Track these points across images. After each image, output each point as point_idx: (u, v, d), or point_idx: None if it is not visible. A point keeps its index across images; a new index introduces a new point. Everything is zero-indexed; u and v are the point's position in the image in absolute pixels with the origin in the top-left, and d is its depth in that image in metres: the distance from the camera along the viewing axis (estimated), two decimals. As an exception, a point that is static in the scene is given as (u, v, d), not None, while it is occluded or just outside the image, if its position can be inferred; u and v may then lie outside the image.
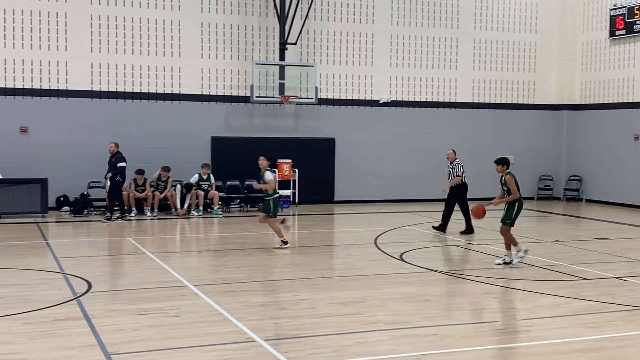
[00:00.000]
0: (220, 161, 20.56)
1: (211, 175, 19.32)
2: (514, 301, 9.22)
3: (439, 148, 23.02)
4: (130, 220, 17.52)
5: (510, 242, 11.63)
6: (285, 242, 13.24)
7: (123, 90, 19.82)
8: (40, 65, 19.04)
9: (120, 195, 17.56)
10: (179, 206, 18.71)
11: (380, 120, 22.44)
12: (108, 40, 19.61)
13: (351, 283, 10.20)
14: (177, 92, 20.38)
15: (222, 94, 20.88)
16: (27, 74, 18.95)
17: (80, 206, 18.41)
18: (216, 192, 19.14)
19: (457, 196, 15.52)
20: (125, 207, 17.86)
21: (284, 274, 11.00)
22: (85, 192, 18.78)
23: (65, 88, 19.31)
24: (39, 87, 19.06)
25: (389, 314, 8.41)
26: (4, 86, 18.72)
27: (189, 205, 18.84)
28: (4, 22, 18.66)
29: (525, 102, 24.19)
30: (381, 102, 22.45)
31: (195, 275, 10.67)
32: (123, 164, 17.48)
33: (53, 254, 12.28)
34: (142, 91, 20.02)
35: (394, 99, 22.67)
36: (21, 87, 18.89)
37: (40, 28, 19.00)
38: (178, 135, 20.20)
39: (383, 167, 22.42)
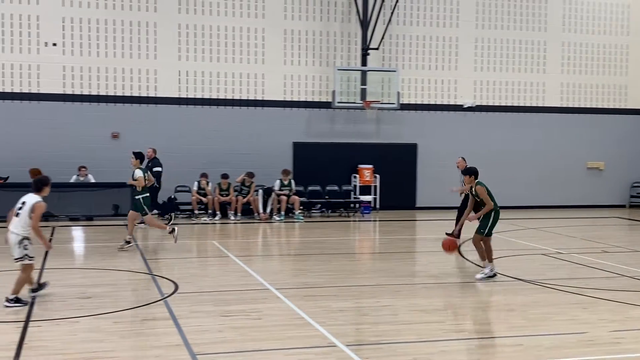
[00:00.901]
0: (302, 166, 20.75)
1: (292, 180, 19.48)
2: (603, 312, 8.88)
3: (526, 154, 22.51)
4: (207, 223, 17.86)
5: (482, 255, 10.88)
6: (172, 231, 13.51)
7: (209, 96, 20.30)
8: (131, 74, 19.74)
9: (156, 201, 17.75)
10: (261, 211, 18.98)
11: (464, 125, 22.11)
12: (195, 49, 20.13)
13: (433, 290, 10.08)
14: (261, 99, 20.70)
15: (304, 99, 21.08)
16: (119, 82, 19.67)
17: (167, 209, 18.93)
18: (297, 197, 19.31)
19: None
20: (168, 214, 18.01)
21: (365, 280, 10.98)
22: (172, 196, 19.30)
23: (154, 95, 19.94)
24: (130, 95, 19.75)
25: (472, 323, 8.26)
26: (97, 93, 19.50)
27: (271, 209, 19.09)
28: (97, 32, 19.44)
29: (617, 106, 23.33)
30: (465, 107, 22.12)
31: (277, 278, 10.78)
32: (159, 169, 17.76)
33: (142, 256, 12.68)
34: (227, 97, 20.44)
35: (479, 104, 22.29)
36: (113, 94, 19.63)
37: (131, 37, 19.69)
38: (261, 141, 20.51)
39: (466, 173, 22.06)
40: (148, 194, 13.80)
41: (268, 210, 19.08)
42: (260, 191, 19.25)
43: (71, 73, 19.36)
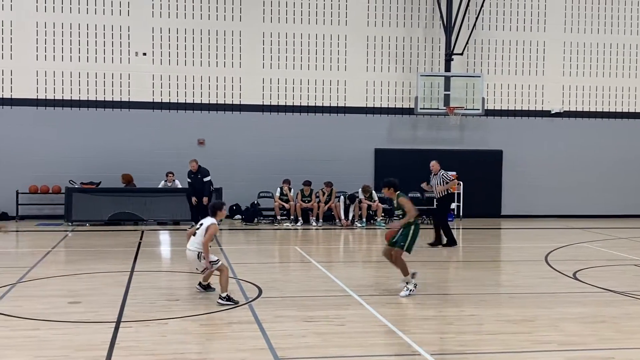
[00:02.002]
0: (383, 173, 20.56)
1: (373, 192, 19.39)
2: None
3: (617, 161, 21.72)
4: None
5: (404, 270, 9.98)
6: None
7: (292, 103, 20.53)
8: (217, 82, 20.20)
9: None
10: (342, 217, 19.01)
11: (552, 131, 21.53)
12: (279, 57, 20.42)
13: (520, 300, 9.81)
14: (342, 105, 20.78)
15: (386, 106, 21.02)
16: (205, 90, 20.16)
17: (250, 215, 19.24)
18: (379, 204, 19.24)
19: (443, 207, 15.35)
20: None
21: (449, 288, 10.81)
22: (256, 202, 19.60)
23: (239, 103, 20.33)
24: (215, 102, 20.21)
25: (561, 335, 7.99)
26: (184, 101, 20.04)
27: (353, 216, 19.10)
28: (185, 41, 19.99)
29: None
30: (553, 112, 21.54)
31: (359, 285, 10.75)
32: (209, 178, 17.84)
33: (227, 260, 12.91)
34: (309, 104, 20.62)
35: (567, 109, 21.65)
36: (199, 102, 20.13)
37: (217, 46, 20.16)
38: (342, 148, 20.58)
39: (555, 180, 21.47)
40: None
41: (350, 216, 19.10)
42: (342, 197, 19.29)
43: (160, 82, 19.98)
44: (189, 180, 17.73)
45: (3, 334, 7.67)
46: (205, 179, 17.61)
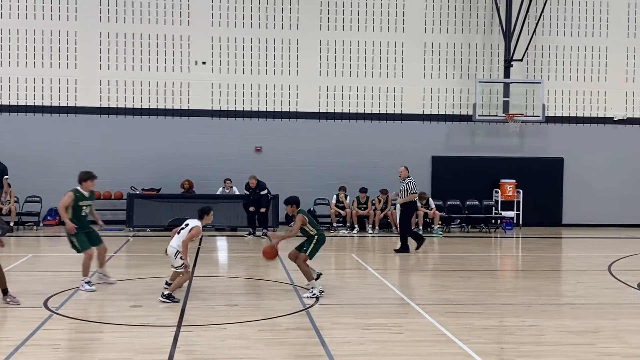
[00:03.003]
0: (441, 180, 20.50)
1: (430, 199, 19.22)
2: None
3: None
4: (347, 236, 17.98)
5: (307, 275, 10.36)
6: None
7: (348, 111, 20.57)
8: (274, 89, 20.38)
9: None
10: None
11: (615, 138, 21.01)
12: (335, 64, 20.49)
13: (582, 311, 9.58)
14: (399, 112, 20.70)
15: (444, 113, 20.85)
16: (262, 97, 20.37)
17: (306, 222, 19.27)
18: (437, 212, 19.06)
19: (406, 214, 15.36)
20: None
21: (508, 298, 10.63)
22: (312, 209, 19.66)
23: (295, 110, 20.46)
24: (272, 110, 20.40)
25: (626, 347, 7.77)
26: (242, 109, 20.29)
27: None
28: (243, 50, 20.24)
29: None
30: (616, 119, 21.01)
31: (416, 293, 10.69)
32: (266, 191, 17.92)
33: (284, 266, 12.99)
34: (366, 112, 20.61)
35: (630, 116, 21.09)
36: (257, 109, 20.35)
37: (274, 55, 20.35)
38: (399, 155, 20.45)
39: (618, 188, 20.93)
40: None
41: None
42: (398, 205, 19.16)
43: (218, 90, 20.27)
44: (247, 193, 17.92)
45: (68, 336, 7.89)
46: (263, 193, 17.78)
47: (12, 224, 18.15)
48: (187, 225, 10.17)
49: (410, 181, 15.47)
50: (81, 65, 19.80)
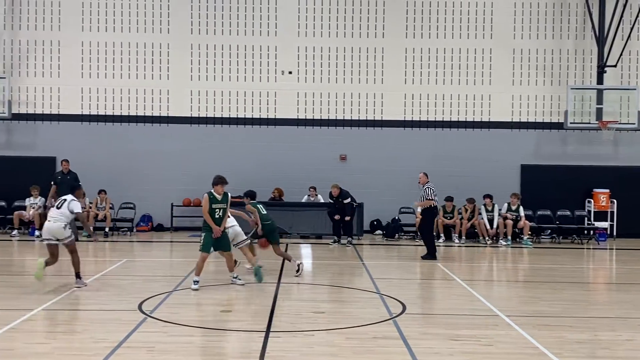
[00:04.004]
0: (530, 190, 20.00)
1: (520, 206, 18.78)
2: None
3: None
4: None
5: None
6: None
7: (434, 119, 20.39)
8: (359, 98, 20.44)
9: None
10: (489, 227, 18.54)
11: None
12: (421, 72, 20.37)
13: (684, 327, 9.13)
14: (487, 120, 20.36)
15: (533, 120, 20.36)
16: (347, 106, 20.45)
17: (391, 230, 19.22)
18: (526, 221, 18.60)
19: (426, 219, 15.40)
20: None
21: (603, 311, 10.26)
22: (397, 217, 19.56)
23: (380, 118, 20.44)
24: (357, 118, 20.45)
25: None
26: (327, 118, 20.43)
27: (497, 234, 18.59)
28: (329, 59, 20.40)
29: None
30: None
31: (506, 305, 10.45)
32: (349, 199, 17.77)
33: (369, 275, 12.99)
34: (452, 119, 20.38)
35: None
36: (342, 118, 20.44)
37: (360, 63, 20.41)
38: (486, 163, 20.13)
39: None
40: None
41: (494, 226, 18.53)
42: (484, 214, 18.85)
43: (304, 99, 20.49)
44: (332, 201, 18.01)
45: (161, 339, 8.13)
46: (346, 201, 17.80)
47: (107, 229, 18.89)
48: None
49: (428, 187, 15.50)
50: (173, 77, 20.43)
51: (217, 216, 11.39)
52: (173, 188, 20.07)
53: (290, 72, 20.46)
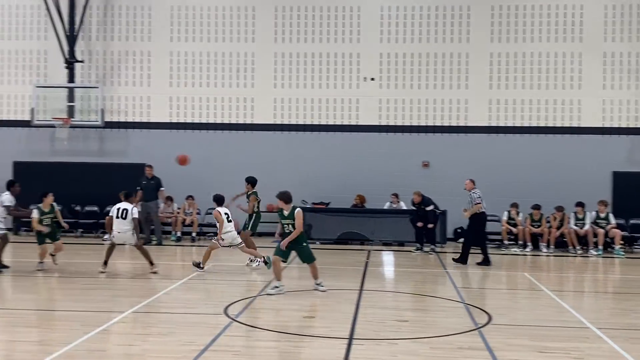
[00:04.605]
0: (623, 197, 19.25)
1: (610, 214, 18.10)
2: None
3: None
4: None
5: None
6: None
7: (520, 124, 19.99)
8: (442, 104, 20.22)
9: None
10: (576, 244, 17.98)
11: None
12: (507, 77, 20.02)
13: None
14: (576, 125, 19.78)
15: (626, 125, 19.61)
16: (430, 112, 20.28)
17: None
18: (618, 230, 17.90)
19: (474, 226, 15.23)
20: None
21: (703, 327, 9.74)
22: (481, 225, 19.18)
23: (464, 124, 20.15)
24: (440, 124, 20.23)
25: None
26: (409, 124, 20.30)
27: (587, 243, 17.97)
28: (411, 65, 20.27)
29: None
30: None
31: (597, 317, 10.07)
32: (431, 207, 17.47)
33: (453, 283, 12.80)
34: (539, 125, 19.90)
35: None
36: (424, 124, 20.27)
37: (443, 69, 20.21)
38: (575, 170, 19.51)
39: None
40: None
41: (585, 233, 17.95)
42: (572, 223, 18.25)
43: (386, 105, 20.44)
44: (414, 208, 17.85)
45: (246, 343, 8.26)
46: (428, 209, 17.59)
47: (194, 234, 19.35)
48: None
49: (474, 192, 15.38)
50: (257, 85, 20.77)
51: (287, 231, 11.50)
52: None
53: (372, 79, 20.44)
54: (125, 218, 12.89)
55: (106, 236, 19.11)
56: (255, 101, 20.78)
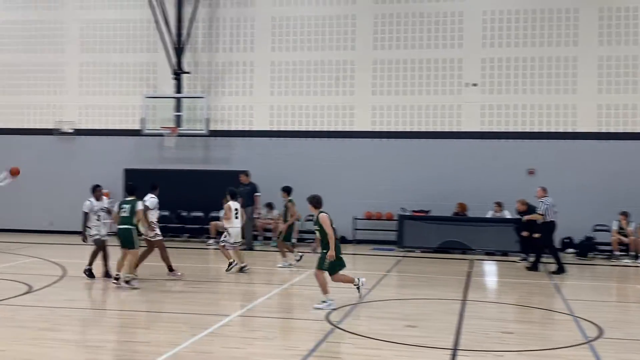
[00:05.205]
0: None
1: None
2: None
3: None
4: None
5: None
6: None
7: (632, 130, 19.07)
8: (548, 109, 19.63)
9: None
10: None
11: None
12: (617, 81, 19.24)
13: None
14: (694, 131, 18.71)
15: None
16: (536, 118, 19.70)
17: (584, 249, 18.17)
18: None
19: (543, 234, 15.15)
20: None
21: None
22: (591, 235, 18.46)
23: (572, 130, 19.46)
24: (547, 130, 19.62)
25: None
26: (513, 130, 19.79)
27: None
28: (515, 70, 19.77)
29: None
30: None
31: None
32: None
33: (560, 295, 12.34)
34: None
35: None
36: (529, 130, 19.72)
37: (549, 73, 19.60)
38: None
39: None
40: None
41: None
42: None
43: (489, 111, 20.01)
44: (519, 217, 17.34)
45: (349, 350, 8.27)
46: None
47: (294, 240, 19.57)
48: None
49: (542, 201, 15.28)
50: (357, 93, 20.81)
51: (319, 237, 10.85)
52: (354, 201, 20.38)
53: (475, 84, 20.08)
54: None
55: (210, 241, 19.68)
56: (354, 108, 20.83)
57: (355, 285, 11.14)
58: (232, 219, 14.02)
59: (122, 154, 21.70)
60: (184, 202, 20.94)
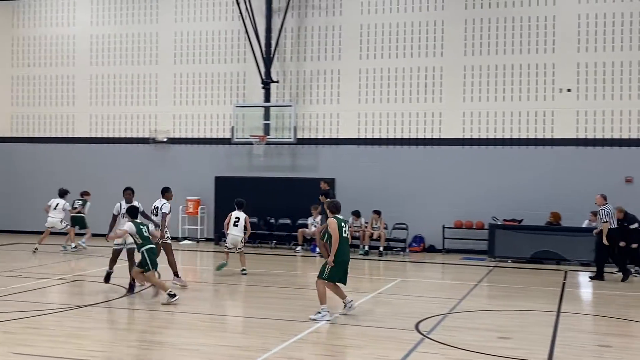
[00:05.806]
0: None
1: None
2: None
3: None
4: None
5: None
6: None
7: None
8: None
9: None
10: None
11: None
12: None
13: None
14: None
15: None
16: (634, 124, 18.92)
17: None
18: None
19: (600, 241, 15.04)
20: None
21: None
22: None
23: (673, 137, 18.58)
24: (646, 137, 18.83)
25: None
26: (610, 137, 19.07)
27: None
28: (612, 75, 19.06)
29: None
30: None
31: None
32: (635, 224, 15.87)
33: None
34: None
35: None
36: (627, 137, 18.94)
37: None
38: None
39: None
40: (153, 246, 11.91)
41: None
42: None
43: (584, 117, 19.35)
44: (616, 226, 16.64)
45: (439, 360, 8.14)
46: (632, 227, 16.28)
47: (381, 248, 19.49)
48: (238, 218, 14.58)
49: (602, 209, 15.18)
50: (445, 99, 20.57)
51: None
52: (444, 210, 20.11)
53: (569, 90, 19.46)
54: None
55: (298, 248, 19.86)
56: (443, 115, 20.58)
57: (345, 302, 10.60)
58: (231, 227, 14.79)
59: (213, 161, 22.22)
60: (272, 209, 21.22)
